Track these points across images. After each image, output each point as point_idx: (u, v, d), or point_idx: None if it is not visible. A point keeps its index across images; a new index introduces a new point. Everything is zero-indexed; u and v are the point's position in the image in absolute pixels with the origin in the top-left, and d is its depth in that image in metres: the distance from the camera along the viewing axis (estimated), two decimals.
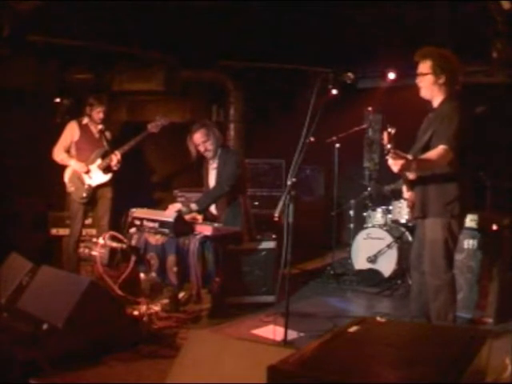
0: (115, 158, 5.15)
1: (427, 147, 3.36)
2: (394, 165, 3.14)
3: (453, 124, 3.28)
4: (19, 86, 5.61)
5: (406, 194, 3.61)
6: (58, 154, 5.15)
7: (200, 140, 4.59)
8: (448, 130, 3.27)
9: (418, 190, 3.51)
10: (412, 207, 3.58)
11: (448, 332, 2.57)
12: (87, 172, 5.11)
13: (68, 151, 5.17)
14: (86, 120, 5.20)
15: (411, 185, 3.54)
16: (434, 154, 3.26)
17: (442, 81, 3.40)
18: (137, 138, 5.24)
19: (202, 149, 4.62)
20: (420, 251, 3.55)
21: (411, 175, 3.45)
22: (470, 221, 4.16)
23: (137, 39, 5.81)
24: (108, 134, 5.33)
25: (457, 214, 3.37)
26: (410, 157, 3.20)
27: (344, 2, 4.80)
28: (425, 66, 3.41)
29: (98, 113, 5.15)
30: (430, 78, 3.40)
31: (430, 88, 3.43)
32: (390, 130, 2.98)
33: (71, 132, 5.17)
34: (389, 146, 3.01)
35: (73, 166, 5.10)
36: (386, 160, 3.16)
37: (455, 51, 3.47)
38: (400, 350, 2.13)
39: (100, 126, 5.22)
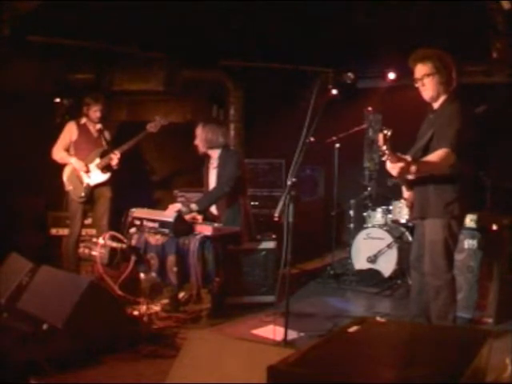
0: (115, 158, 5.15)
1: (427, 148, 3.35)
2: (393, 168, 3.12)
3: (454, 126, 3.26)
4: (19, 86, 5.61)
5: (406, 193, 3.61)
6: (58, 153, 5.16)
7: (195, 133, 4.68)
8: (449, 131, 3.25)
9: (417, 190, 3.50)
10: (411, 207, 3.58)
11: (448, 332, 2.57)
12: (87, 171, 5.12)
13: (67, 151, 5.18)
14: (84, 120, 5.22)
15: (410, 185, 3.53)
16: (436, 156, 3.23)
17: (444, 80, 3.39)
18: (136, 138, 5.25)
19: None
20: (420, 252, 3.55)
21: (410, 175, 3.44)
22: (470, 221, 4.16)
23: (137, 39, 5.81)
24: (107, 134, 5.33)
25: (457, 214, 3.36)
26: (408, 158, 3.18)
27: (344, 2, 4.81)
28: (426, 68, 3.38)
29: (95, 112, 5.15)
30: (435, 79, 3.38)
31: (435, 89, 3.40)
32: (385, 131, 2.95)
33: (70, 132, 5.18)
34: (384, 148, 2.97)
35: (73, 163, 5.11)
36: (385, 163, 3.15)
37: (455, 51, 3.47)
38: (400, 350, 2.13)
39: (98, 126, 5.21)
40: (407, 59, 3.51)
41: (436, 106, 3.49)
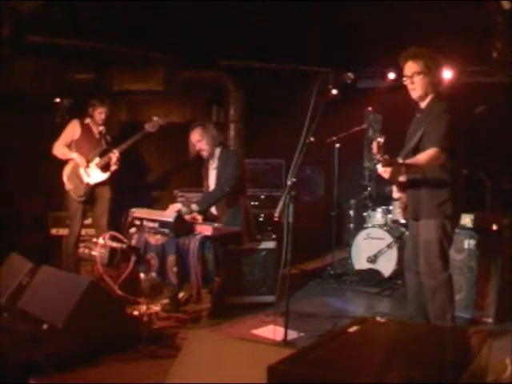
0: (114, 157, 5.19)
1: (417, 148, 3.36)
2: (384, 172, 3.16)
3: (443, 125, 3.27)
4: (19, 86, 5.60)
5: (396, 194, 3.61)
6: (59, 149, 5.18)
7: (195, 139, 4.66)
8: (438, 131, 3.26)
9: (410, 191, 3.50)
10: (404, 208, 3.58)
11: (448, 332, 2.57)
12: (87, 166, 5.13)
13: (68, 148, 5.19)
14: (88, 120, 5.27)
15: (403, 186, 3.54)
16: (424, 156, 3.25)
17: (434, 79, 3.40)
18: (134, 138, 5.31)
19: (197, 147, 4.68)
20: (414, 252, 3.55)
21: (402, 177, 3.44)
22: (470, 221, 4.16)
23: (137, 39, 5.81)
24: (108, 138, 5.37)
25: (450, 214, 3.37)
26: (400, 160, 3.20)
27: (344, 2, 4.80)
28: (417, 66, 3.39)
29: (100, 113, 5.21)
30: (426, 77, 3.39)
31: (424, 88, 3.41)
32: (379, 139, 2.99)
33: (73, 130, 5.23)
34: (378, 156, 3.01)
35: (75, 158, 5.13)
36: (377, 168, 3.19)
37: (456, 51, 3.48)
38: (400, 350, 2.13)
39: (101, 128, 5.28)
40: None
41: (423, 105, 3.49)
